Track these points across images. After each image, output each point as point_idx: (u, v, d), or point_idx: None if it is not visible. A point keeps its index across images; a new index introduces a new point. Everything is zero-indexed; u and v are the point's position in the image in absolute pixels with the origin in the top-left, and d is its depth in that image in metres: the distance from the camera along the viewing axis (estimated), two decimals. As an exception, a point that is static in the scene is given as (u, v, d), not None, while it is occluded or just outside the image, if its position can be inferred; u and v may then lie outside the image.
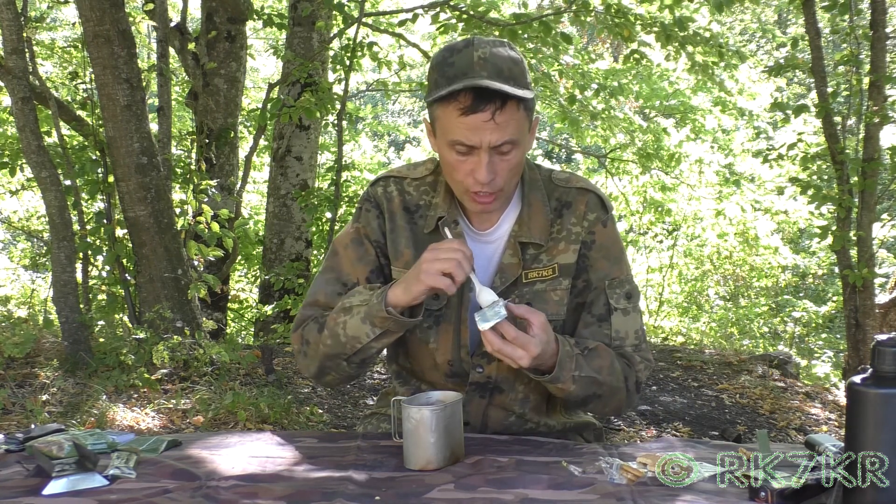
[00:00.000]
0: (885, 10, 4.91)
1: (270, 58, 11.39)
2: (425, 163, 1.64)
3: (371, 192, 1.62)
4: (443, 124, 1.43)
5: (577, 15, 5.99)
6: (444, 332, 1.55)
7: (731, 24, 12.84)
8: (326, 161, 9.62)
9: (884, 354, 1.06)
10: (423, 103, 2.83)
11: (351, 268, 1.58)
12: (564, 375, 1.41)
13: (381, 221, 1.59)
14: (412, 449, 1.27)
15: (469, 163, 1.43)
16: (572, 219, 1.56)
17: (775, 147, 5.55)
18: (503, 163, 1.43)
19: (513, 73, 1.40)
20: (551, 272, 1.54)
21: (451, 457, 1.27)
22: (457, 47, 1.43)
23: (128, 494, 1.14)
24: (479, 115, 1.37)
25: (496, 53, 1.41)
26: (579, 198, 1.57)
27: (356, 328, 1.44)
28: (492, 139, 1.39)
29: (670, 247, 10.04)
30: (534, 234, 1.54)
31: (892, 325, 5.08)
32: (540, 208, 1.56)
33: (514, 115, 1.40)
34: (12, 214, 8.33)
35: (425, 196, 1.59)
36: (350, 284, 1.56)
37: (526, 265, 1.54)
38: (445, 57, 1.43)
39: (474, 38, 1.44)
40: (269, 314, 6.05)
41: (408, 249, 1.57)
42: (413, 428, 1.26)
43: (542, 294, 1.54)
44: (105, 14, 4.10)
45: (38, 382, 3.76)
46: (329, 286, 1.58)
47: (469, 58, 1.39)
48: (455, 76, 1.39)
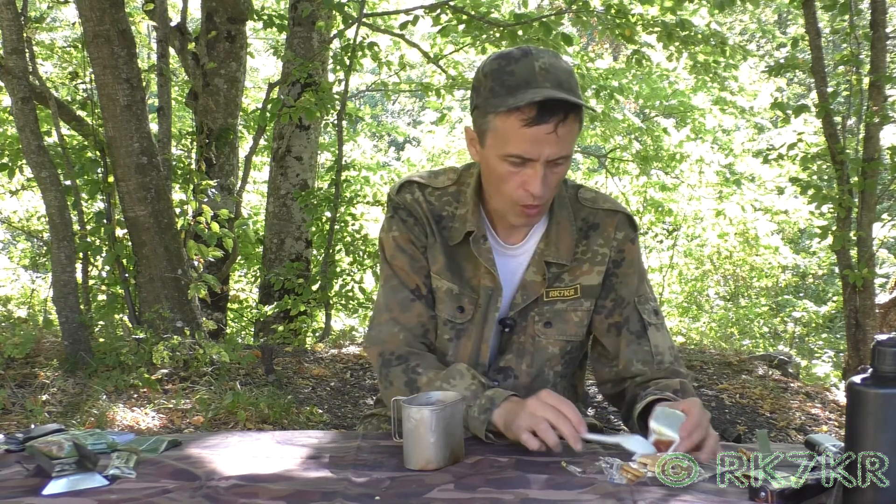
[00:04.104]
0: (885, 10, 4.91)
1: (270, 58, 11.40)
2: (447, 172, 1.61)
3: (401, 201, 1.57)
4: (499, 135, 1.39)
5: (577, 16, 5.99)
6: (463, 346, 1.55)
7: (730, 24, 12.83)
8: (326, 161, 9.62)
9: (884, 354, 1.06)
10: (423, 103, 2.80)
11: (409, 275, 1.56)
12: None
13: (420, 227, 1.56)
14: (412, 449, 1.27)
15: (522, 175, 1.40)
16: (599, 240, 1.54)
17: (775, 147, 5.55)
18: (554, 175, 1.41)
19: (571, 85, 1.38)
20: (573, 293, 1.53)
21: (450, 457, 1.27)
22: (513, 55, 1.39)
23: (128, 494, 1.14)
24: (543, 126, 1.35)
25: (555, 64, 1.38)
26: (607, 220, 1.55)
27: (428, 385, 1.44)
28: (551, 152, 1.37)
29: (670, 247, 10.04)
30: (560, 253, 1.52)
31: (892, 325, 5.08)
32: (567, 227, 1.54)
33: (573, 127, 1.38)
34: (12, 214, 8.33)
35: (448, 207, 1.56)
36: (414, 289, 1.55)
37: (548, 283, 1.53)
38: (502, 65, 1.39)
39: (530, 47, 1.41)
40: (269, 314, 6.05)
41: (441, 256, 1.55)
42: (413, 428, 1.26)
43: (562, 314, 1.53)
44: (105, 14, 4.10)
45: (38, 382, 3.76)
46: (398, 294, 1.55)
47: (530, 67, 1.36)
48: (517, 86, 1.35)
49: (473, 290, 1.54)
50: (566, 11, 6.23)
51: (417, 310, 1.54)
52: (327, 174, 7.94)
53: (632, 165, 9.02)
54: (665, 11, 6.33)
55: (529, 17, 6.09)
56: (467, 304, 1.54)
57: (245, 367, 4.37)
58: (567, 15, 6.41)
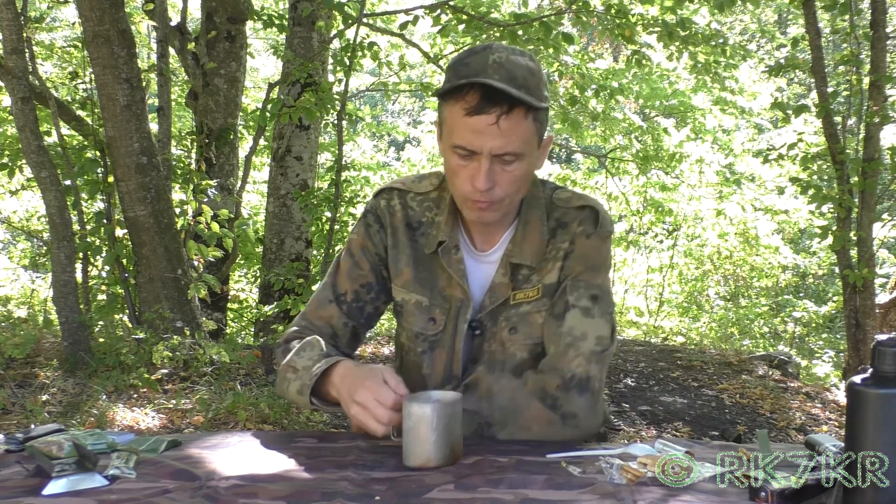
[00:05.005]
0: (885, 10, 4.91)
1: (270, 58, 11.40)
2: (430, 176, 1.59)
3: (374, 205, 1.58)
4: (448, 125, 1.39)
5: (577, 16, 5.99)
6: (438, 357, 1.54)
7: (731, 24, 12.84)
8: (326, 161, 9.62)
9: (884, 354, 1.06)
10: (423, 103, 2.79)
11: (344, 279, 1.57)
12: None
13: (382, 235, 1.56)
14: (411, 446, 1.26)
15: (470, 168, 1.38)
16: (564, 237, 1.49)
17: (775, 147, 5.55)
18: (505, 174, 1.38)
19: (527, 83, 1.35)
20: (536, 293, 1.49)
21: (450, 455, 1.27)
22: (475, 50, 1.39)
23: (128, 494, 1.14)
24: (484, 117, 1.33)
25: (513, 60, 1.36)
26: (576, 216, 1.50)
27: (295, 396, 1.45)
28: (494, 146, 1.34)
29: (670, 247, 10.05)
30: (525, 254, 1.48)
31: (892, 325, 5.08)
32: (536, 227, 1.50)
33: (521, 123, 1.35)
34: (12, 214, 8.33)
35: (428, 213, 1.55)
36: (340, 294, 1.57)
37: (516, 285, 1.49)
38: (462, 58, 1.39)
39: (494, 44, 1.40)
40: (269, 314, 6.05)
41: (407, 268, 1.54)
42: (413, 425, 1.26)
43: (526, 317, 1.49)
44: (105, 14, 4.11)
45: (38, 382, 3.76)
46: (323, 291, 1.58)
47: (484, 60, 1.35)
48: (467, 76, 1.34)
49: (446, 300, 1.52)
50: (566, 11, 6.23)
51: (330, 312, 1.56)
52: (327, 174, 7.94)
53: (632, 165, 9.02)
54: (665, 11, 6.33)
55: (529, 17, 6.09)
56: (438, 315, 1.53)
57: (245, 367, 4.37)
58: (567, 15, 6.41)
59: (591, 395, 1.41)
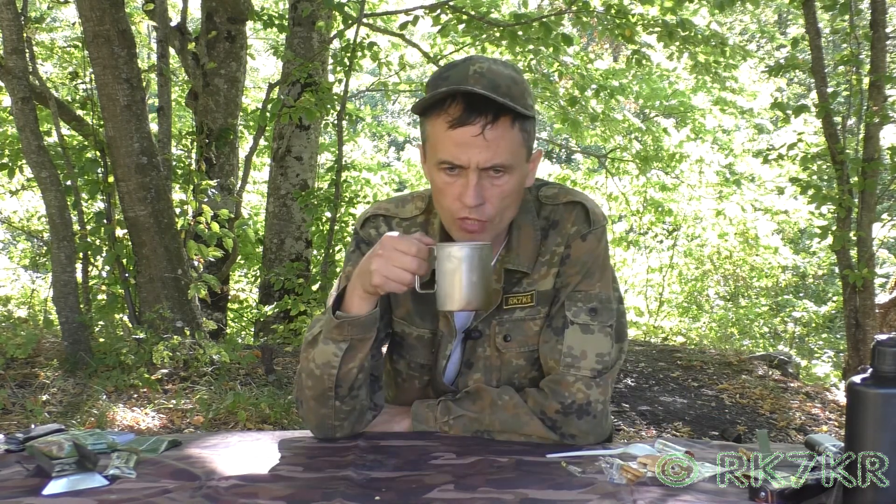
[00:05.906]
0: (885, 10, 4.92)
1: (270, 58, 11.40)
2: (414, 199, 1.51)
3: (364, 236, 1.49)
4: (431, 142, 1.33)
5: (577, 16, 5.99)
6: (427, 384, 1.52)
7: (730, 24, 12.84)
8: (326, 161, 9.63)
9: (884, 354, 1.06)
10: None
11: None
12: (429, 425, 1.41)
13: None
14: (449, 290, 1.24)
15: (457, 185, 1.31)
16: (557, 238, 1.43)
17: (775, 147, 5.55)
18: (494, 188, 1.31)
19: (510, 91, 1.29)
20: (529, 299, 1.43)
21: (486, 300, 1.26)
22: (454, 63, 1.35)
23: (128, 494, 1.14)
24: (469, 128, 1.27)
25: (495, 70, 1.31)
26: (567, 214, 1.44)
27: (323, 354, 1.34)
28: (481, 159, 1.28)
29: (670, 247, 10.05)
30: (521, 260, 1.43)
31: (892, 325, 5.08)
32: (528, 232, 1.44)
33: (507, 133, 1.29)
34: (12, 214, 8.33)
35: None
36: None
37: (508, 289, 1.44)
38: (441, 72, 1.34)
39: (475, 55, 1.37)
40: (269, 314, 6.05)
41: (406, 300, 1.47)
42: (454, 268, 1.23)
43: (520, 324, 1.44)
44: (105, 14, 4.11)
45: (38, 382, 3.76)
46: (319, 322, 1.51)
47: (464, 72, 1.29)
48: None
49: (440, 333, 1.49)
50: (566, 11, 6.23)
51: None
52: (327, 174, 7.94)
53: (632, 165, 9.02)
54: (665, 11, 6.33)
55: (529, 17, 6.09)
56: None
57: (245, 367, 4.37)
58: (567, 15, 6.41)
59: (593, 417, 1.39)
